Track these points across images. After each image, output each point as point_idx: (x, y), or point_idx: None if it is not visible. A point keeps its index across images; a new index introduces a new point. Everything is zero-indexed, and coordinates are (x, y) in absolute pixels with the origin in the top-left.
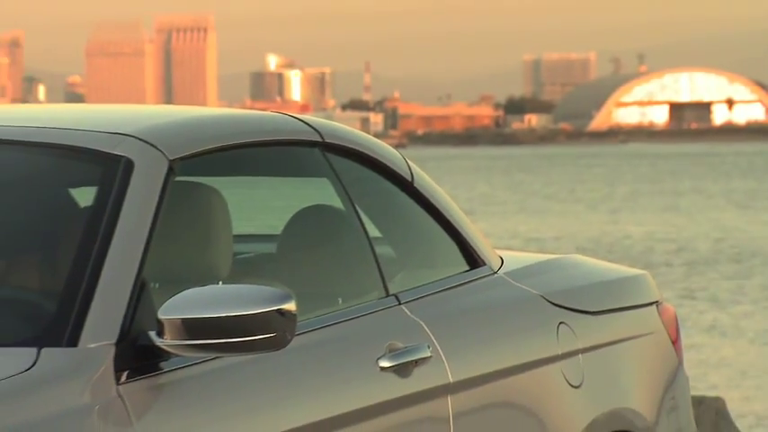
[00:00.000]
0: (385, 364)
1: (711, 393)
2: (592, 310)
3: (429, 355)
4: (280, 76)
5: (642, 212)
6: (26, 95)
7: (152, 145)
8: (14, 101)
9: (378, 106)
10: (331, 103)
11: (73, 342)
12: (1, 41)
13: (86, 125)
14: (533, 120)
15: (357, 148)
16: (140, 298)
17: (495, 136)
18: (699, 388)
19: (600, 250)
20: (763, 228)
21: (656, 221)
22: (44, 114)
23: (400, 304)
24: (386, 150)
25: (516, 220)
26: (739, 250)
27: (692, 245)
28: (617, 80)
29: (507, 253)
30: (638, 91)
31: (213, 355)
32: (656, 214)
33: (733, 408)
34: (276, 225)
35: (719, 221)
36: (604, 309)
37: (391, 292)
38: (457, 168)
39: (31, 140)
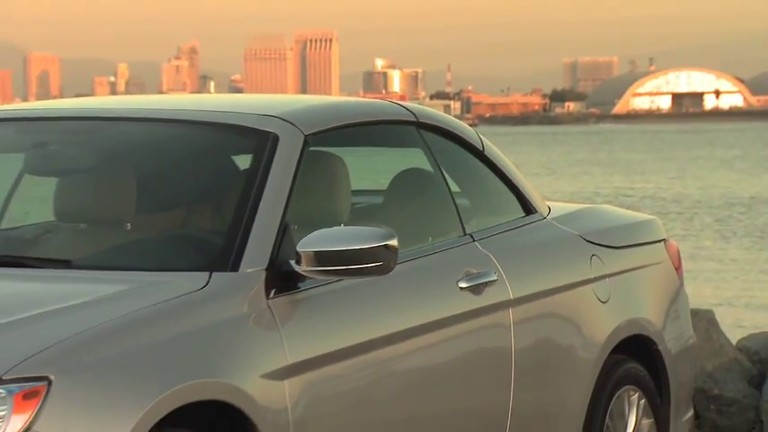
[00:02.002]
0: (463, 285)
1: (704, 306)
2: (616, 245)
3: (495, 278)
4: (384, 75)
5: (651, 173)
6: (201, 89)
7: (292, 124)
8: (192, 93)
9: (456, 96)
10: (422, 94)
11: (235, 268)
12: (183, 49)
13: (245, 110)
14: (571, 106)
15: (442, 126)
16: (284, 236)
17: (543, 118)
18: (693, 302)
19: (617, 200)
20: (738, 183)
21: (658, 179)
22: (215, 102)
23: (474, 241)
24: (463, 127)
25: (554, 179)
26: (721, 200)
27: (683, 195)
28: (633, 77)
29: (553, 203)
30: (649, 85)
31: (336, 279)
32: (658, 175)
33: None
34: (383, 183)
35: (707, 179)
36: (625, 244)
37: (467, 232)
38: (514, 141)
39: (206, 121)
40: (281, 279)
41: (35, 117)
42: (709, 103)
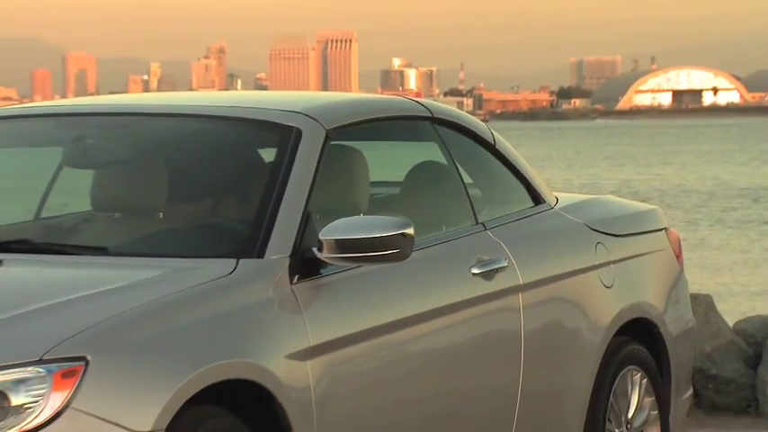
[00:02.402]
0: (475, 271)
1: (702, 291)
2: (619, 233)
3: (506, 265)
4: (401, 73)
5: (656, 166)
6: (228, 87)
7: (314, 119)
8: (220, 90)
9: (468, 93)
10: (436, 91)
11: (261, 255)
12: (212, 49)
13: (270, 106)
14: (577, 102)
15: (456, 121)
16: (306, 225)
17: (550, 114)
18: (692, 287)
19: (621, 191)
20: (732, 174)
21: (658, 171)
22: (242, 99)
23: (486, 230)
24: (475, 122)
25: (559, 171)
26: (720, 191)
27: (684, 186)
28: (635, 75)
29: (560, 194)
30: (651, 82)
31: (356, 265)
32: (659, 167)
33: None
34: (399, 175)
35: (705, 171)
36: (628, 233)
37: (479, 221)
38: (523, 135)
39: (233, 116)
40: (304, 265)
41: (74, 113)
42: (708, 99)
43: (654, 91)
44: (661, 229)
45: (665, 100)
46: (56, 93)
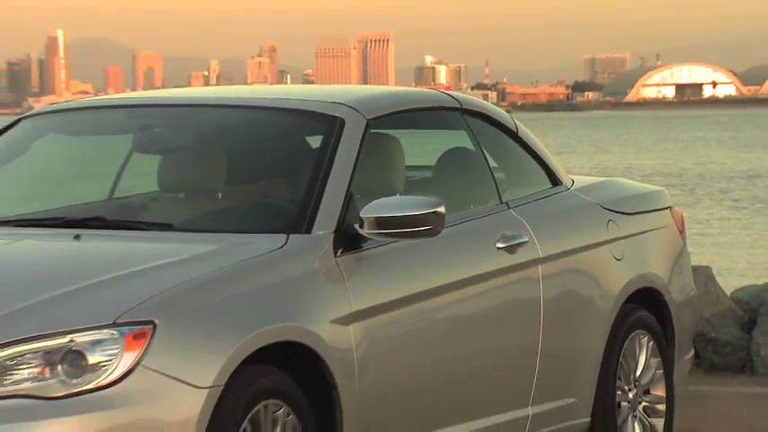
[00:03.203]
0: (500, 245)
1: (703, 263)
2: (629, 212)
3: (527, 240)
4: (433, 69)
5: (661, 151)
6: (279, 82)
7: (356, 110)
8: (272, 84)
9: (493, 87)
10: (464, 85)
11: (308, 231)
12: (264, 48)
13: (317, 98)
14: (590, 95)
15: (482, 111)
16: (349, 204)
17: (566, 105)
18: (694, 260)
19: (631, 174)
20: (729, 159)
21: (662, 155)
22: (291, 91)
23: (509, 209)
24: (500, 112)
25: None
26: (714, 173)
27: (686, 170)
28: (642, 70)
29: (575, 176)
30: (656, 77)
31: (393, 240)
32: (665, 152)
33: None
34: (431, 159)
35: (704, 155)
36: (637, 211)
37: (503, 201)
38: (542, 125)
39: (284, 107)
40: (347, 240)
41: (142, 104)
42: (707, 92)
43: (659, 85)
44: (666, 208)
45: (669, 93)
46: (127, 87)
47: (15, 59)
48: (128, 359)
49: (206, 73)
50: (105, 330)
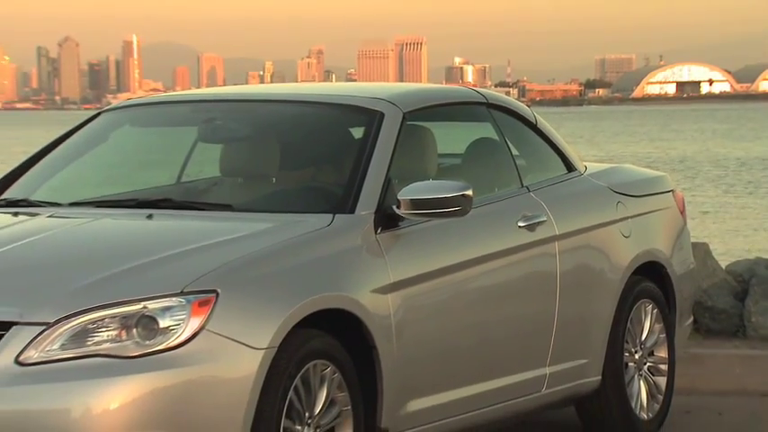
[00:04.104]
0: (521, 224)
1: (701, 240)
2: (635, 194)
3: (545, 219)
4: (461, 69)
5: (660, 141)
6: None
7: (394, 104)
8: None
9: (514, 85)
10: (489, 83)
11: (352, 211)
12: (312, 51)
13: (359, 94)
14: (600, 92)
15: (505, 105)
16: (388, 188)
17: (579, 101)
18: (693, 237)
19: (638, 162)
20: (725, 148)
21: (663, 144)
22: (337, 88)
23: (529, 192)
24: (521, 106)
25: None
26: (712, 163)
27: (686, 157)
28: (647, 69)
29: (588, 163)
30: (659, 75)
31: (426, 219)
32: (667, 141)
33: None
34: (460, 148)
35: (701, 144)
36: (642, 194)
37: (524, 184)
38: (558, 118)
39: (330, 102)
40: (386, 219)
41: (205, 100)
42: (705, 89)
43: (661, 82)
44: (668, 191)
45: (671, 89)
46: (192, 85)
47: (95, 61)
48: (194, 323)
49: (261, 72)
50: (174, 298)
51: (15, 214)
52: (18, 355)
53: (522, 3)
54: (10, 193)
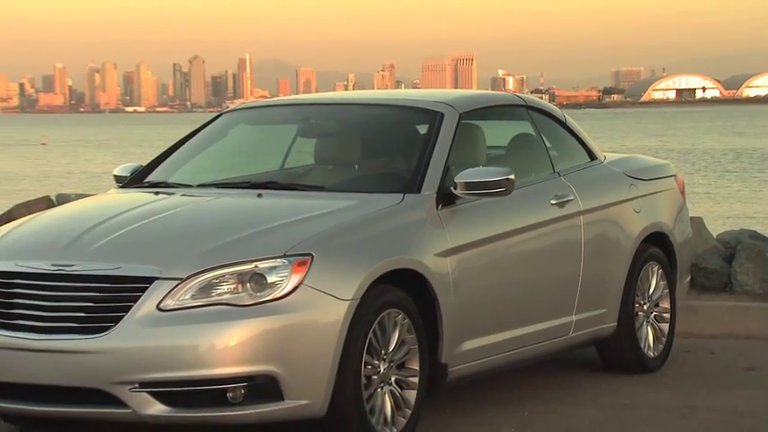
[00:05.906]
0: (553, 202)
1: (697, 215)
2: (645, 178)
3: (573, 198)
4: (504, 79)
5: (664, 136)
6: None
7: (451, 106)
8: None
9: (546, 91)
10: (526, 90)
11: (418, 191)
12: (386, 65)
13: (423, 98)
14: (615, 97)
15: (541, 107)
16: (447, 173)
17: (598, 104)
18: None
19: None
20: (715, 142)
21: (667, 139)
22: (406, 94)
23: (560, 176)
24: (553, 108)
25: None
26: (705, 153)
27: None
28: (652, 79)
29: (607, 153)
30: (663, 84)
31: (477, 198)
32: (669, 137)
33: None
34: (505, 141)
35: (695, 139)
36: (650, 178)
37: (555, 170)
38: (581, 118)
39: (400, 105)
40: (445, 198)
41: (303, 103)
42: (699, 95)
43: (664, 89)
44: (671, 176)
45: (672, 95)
46: (292, 92)
47: (217, 74)
48: (294, 279)
49: (345, 82)
50: (279, 260)
51: (156, 193)
52: (159, 303)
53: (552, 26)
54: (152, 177)
